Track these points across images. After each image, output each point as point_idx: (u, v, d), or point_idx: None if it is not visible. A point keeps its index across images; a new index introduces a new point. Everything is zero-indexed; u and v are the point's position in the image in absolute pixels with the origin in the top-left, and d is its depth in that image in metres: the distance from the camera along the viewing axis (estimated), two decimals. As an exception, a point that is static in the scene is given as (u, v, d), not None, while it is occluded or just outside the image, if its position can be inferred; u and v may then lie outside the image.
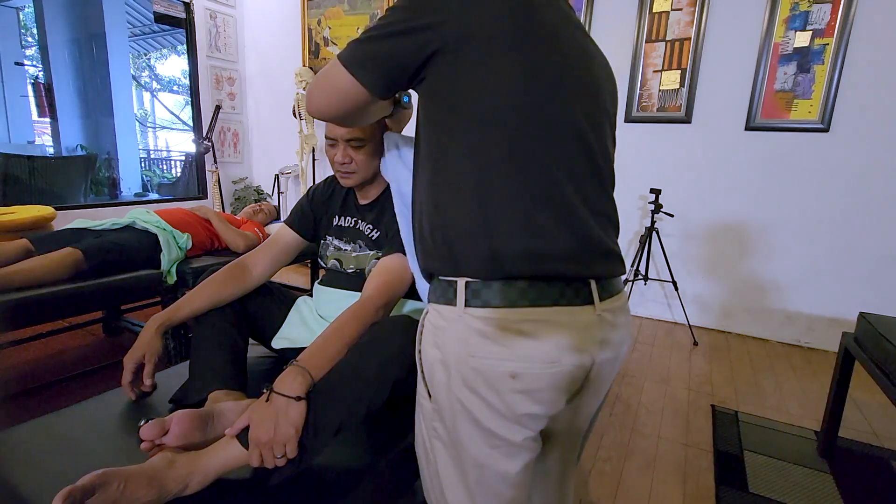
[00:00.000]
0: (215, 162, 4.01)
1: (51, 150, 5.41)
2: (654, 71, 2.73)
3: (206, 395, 0.91)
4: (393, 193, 1.00)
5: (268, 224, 2.59)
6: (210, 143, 3.92)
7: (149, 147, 9.85)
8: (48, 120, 5.28)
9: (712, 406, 1.88)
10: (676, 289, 2.64)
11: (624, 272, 0.71)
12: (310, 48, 3.87)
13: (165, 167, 8.31)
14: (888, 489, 1.43)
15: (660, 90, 2.74)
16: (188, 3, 3.75)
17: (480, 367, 0.60)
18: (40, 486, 0.71)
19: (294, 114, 3.78)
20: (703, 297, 2.81)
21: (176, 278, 1.93)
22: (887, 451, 1.63)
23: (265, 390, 0.74)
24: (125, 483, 0.64)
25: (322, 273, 1.25)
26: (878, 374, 1.27)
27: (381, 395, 0.80)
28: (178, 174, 7.20)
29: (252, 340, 1.14)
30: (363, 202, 1.14)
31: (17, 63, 5.18)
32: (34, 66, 5.45)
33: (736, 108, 2.58)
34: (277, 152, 4.19)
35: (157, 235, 1.94)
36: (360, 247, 1.12)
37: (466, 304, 0.61)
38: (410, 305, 1.11)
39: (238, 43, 4.14)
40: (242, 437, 0.72)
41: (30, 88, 5.25)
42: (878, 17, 2.26)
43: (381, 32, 0.62)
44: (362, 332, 0.86)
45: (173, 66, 10.74)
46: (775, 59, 2.46)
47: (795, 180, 2.51)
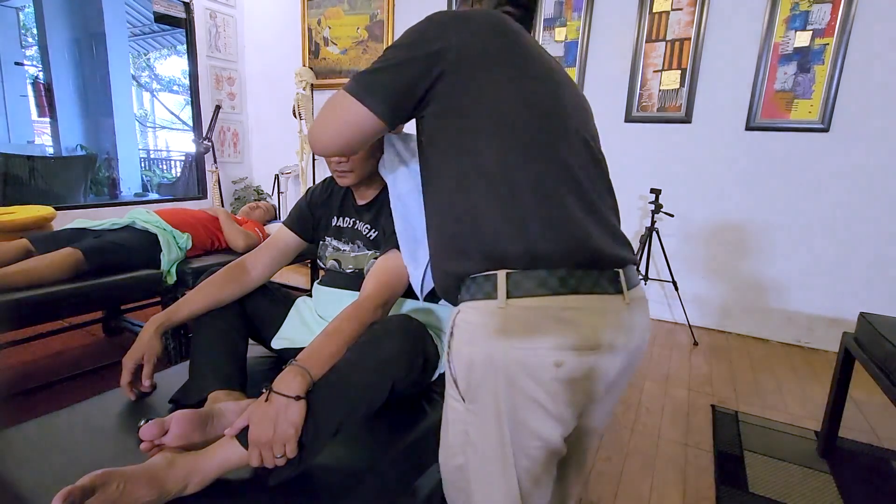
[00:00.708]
0: (215, 162, 4.01)
1: (50, 150, 5.41)
2: (655, 71, 2.73)
3: (205, 395, 0.91)
4: (390, 191, 0.99)
5: (267, 223, 2.59)
6: (210, 143, 3.92)
7: (149, 147, 9.86)
8: (48, 120, 5.28)
9: (712, 406, 1.88)
10: (676, 289, 2.64)
11: (638, 264, 0.74)
12: (310, 48, 3.87)
13: (165, 167, 8.31)
14: (888, 489, 1.43)
15: (660, 90, 2.73)
16: (188, 3, 3.75)
17: (523, 358, 0.61)
18: (40, 486, 0.71)
19: (294, 114, 3.78)
20: (703, 297, 2.81)
21: (176, 278, 1.93)
22: (887, 451, 1.63)
23: (264, 390, 0.73)
24: (125, 483, 0.64)
25: (321, 273, 1.25)
26: (879, 374, 1.27)
27: (380, 395, 0.80)
28: (178, 174, 7.20)
29: (252, 340, 1.14)
30: (361, 202, 1.14)
31: (17, 63, 5.17)
32: (34, 66, 5.45)
33: (736, 108, 2.58)
34: (277, 152, 4.19)
35: (157, 235, 1.94)
36: (359, 247, 1.12)
37: (508, 296, 0.62)
38: (409, 305, 1.11)
39: (238, 43, 4.15)
40: (242, 436, 0.72)
41: (29, 88, 5.25)
42: (878, 17, 2.26)
43: (386, 64, 0.68)
44: (361, 331, 0.86)
45: (173, 66, 10.76)
46: (775, 59, 2.46)
47: (795, 180, 2.51)
